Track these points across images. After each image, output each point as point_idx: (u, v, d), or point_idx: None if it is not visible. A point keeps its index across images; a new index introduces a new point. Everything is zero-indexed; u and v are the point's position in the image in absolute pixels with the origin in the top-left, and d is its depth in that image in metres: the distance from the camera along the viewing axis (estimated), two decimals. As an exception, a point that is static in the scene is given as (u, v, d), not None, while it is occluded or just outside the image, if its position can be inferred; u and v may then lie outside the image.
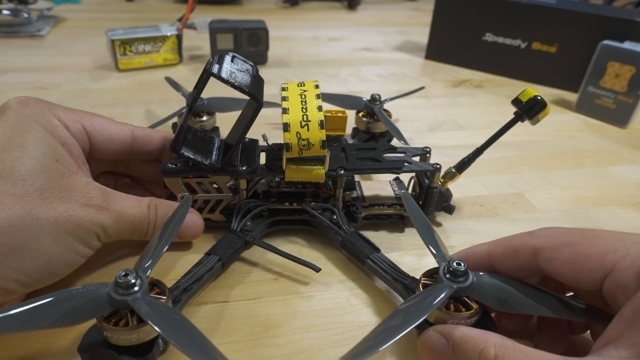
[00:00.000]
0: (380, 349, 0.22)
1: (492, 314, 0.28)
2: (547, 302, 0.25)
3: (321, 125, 0.31)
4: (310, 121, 0.31)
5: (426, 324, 0.27)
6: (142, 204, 0.32)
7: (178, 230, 0.29)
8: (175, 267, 0.33)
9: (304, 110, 0.32)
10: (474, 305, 0.26)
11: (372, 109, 0.49)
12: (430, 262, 0.35)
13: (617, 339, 0.20)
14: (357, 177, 0.41)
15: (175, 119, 0.49)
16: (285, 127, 0.31)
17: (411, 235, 0.38)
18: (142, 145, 0.35)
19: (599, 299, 0.24)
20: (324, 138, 0.31)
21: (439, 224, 0.40)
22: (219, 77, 0.29)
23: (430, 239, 0.29)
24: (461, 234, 0.39)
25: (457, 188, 0.41)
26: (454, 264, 0.25)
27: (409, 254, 0.37)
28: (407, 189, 0.40)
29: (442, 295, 0.25)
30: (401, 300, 0.31)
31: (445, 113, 0.62)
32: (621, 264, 0.22)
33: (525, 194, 0.46)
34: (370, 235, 0.38)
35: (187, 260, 0.33)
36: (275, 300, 0.32)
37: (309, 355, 0.28)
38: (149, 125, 0.47)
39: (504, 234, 0.28)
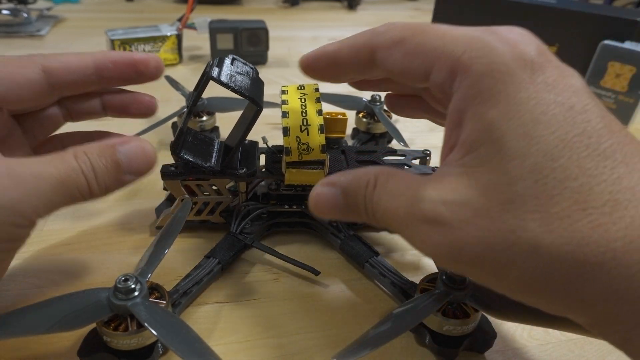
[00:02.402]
0: (371, 351, 0.22)
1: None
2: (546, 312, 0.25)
3: (321, 129, 0.31)
4: (310, 125, 0.31)
5: (422, 327, 0.27)
6: (65, 157, 0.24)
7: (178, 233, 0.29)
8: (174, 268, 0.33)
9: (304, 115, 0.32)
10: (471, 312, 0.26)
11: (372, 109, 0.49)
12: (431, 263, 0.35)
13: (455, 143, 0.20)
14: (356, 179, 0.41)
15: (175, 119, 0.49)
16: (285, 132, 0.31)
17: (411, 237, 0.38)
18: (61, 76, 0.28)
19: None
20: (324, 142, 0.31)
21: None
22: (218, 80, 0.29)
23: None
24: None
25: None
26: (453, 270, 0.26)
27: (410, 254, 0.36)
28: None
29: (438, 301, 0.25)
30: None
31: (445, 113, 0.62)
32: (438, 63, 0.20)
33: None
34: (371, 235, 0.38)
35: (186, 262, 0.33)
36: (275, 300, 0.32)
37: (309, 355, 0.28)
38: (149, 126, 0.47)
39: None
